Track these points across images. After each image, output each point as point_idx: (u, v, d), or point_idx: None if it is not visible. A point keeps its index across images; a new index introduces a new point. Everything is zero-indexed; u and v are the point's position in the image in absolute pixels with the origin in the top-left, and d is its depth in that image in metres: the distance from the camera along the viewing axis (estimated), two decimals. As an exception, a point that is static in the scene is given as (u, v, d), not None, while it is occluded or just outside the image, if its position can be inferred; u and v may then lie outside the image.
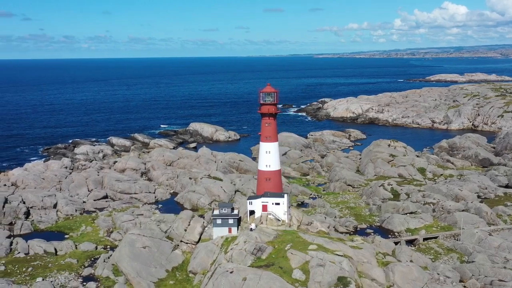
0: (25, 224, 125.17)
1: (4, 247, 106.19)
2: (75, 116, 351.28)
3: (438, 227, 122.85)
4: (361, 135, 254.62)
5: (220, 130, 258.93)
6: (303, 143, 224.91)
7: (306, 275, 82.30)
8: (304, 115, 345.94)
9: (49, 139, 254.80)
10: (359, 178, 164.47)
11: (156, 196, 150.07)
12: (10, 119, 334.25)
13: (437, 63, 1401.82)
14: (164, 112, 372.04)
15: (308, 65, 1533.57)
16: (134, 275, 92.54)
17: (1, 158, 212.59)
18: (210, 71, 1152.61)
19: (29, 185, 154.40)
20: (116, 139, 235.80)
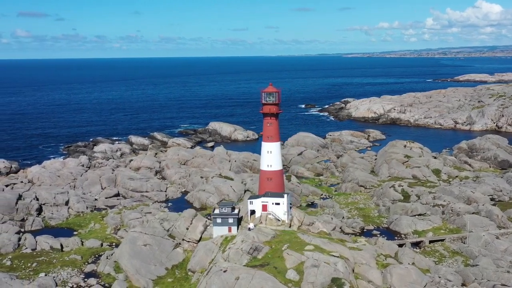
0: (36, 220, 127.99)
1: (12, 243, 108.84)
2: (99, 115, 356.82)
3: (447, 229, 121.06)
4: (380, 136, 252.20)
5: (239, 130, 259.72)
6: (320, 143, 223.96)
7: (300, 275, 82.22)
8: (326, 115, 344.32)
9: (71, 137, 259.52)
10: (371, 179, 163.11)
11: (167, 194, 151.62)
12: (37, 117, 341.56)
13: (468, 63, 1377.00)
14: (187, 111, 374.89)
15: (337, 64, 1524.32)
16: (133, 272, 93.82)
17: (23, 156, 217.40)
18: (238, 71, 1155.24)
19: (44, 182, 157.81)
20: (135, 138, 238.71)
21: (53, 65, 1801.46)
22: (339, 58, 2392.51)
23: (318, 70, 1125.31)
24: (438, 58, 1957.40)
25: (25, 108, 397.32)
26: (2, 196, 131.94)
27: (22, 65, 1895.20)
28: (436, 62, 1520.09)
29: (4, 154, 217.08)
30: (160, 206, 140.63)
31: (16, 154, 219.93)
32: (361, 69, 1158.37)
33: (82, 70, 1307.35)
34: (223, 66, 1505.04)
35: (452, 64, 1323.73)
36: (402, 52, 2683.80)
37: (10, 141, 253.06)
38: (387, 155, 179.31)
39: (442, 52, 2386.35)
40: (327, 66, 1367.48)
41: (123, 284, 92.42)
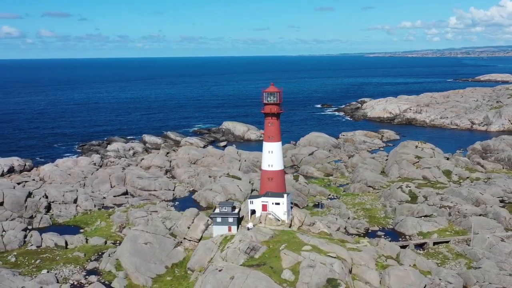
0: (44, 217, 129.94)
1: (18, 239, 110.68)
2: (117, 114, 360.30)
3: (452, 231, 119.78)
4: (394, 136, 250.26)
5: (252, 129, 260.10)
6: (333, 143, 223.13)
7: (295, 275, 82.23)
8: (342, 115, 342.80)
9: (87, 136, 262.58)
10: (381, 180, 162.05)
11: (175, 193, 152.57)
12: (56, 116, 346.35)
13: (491, 63, 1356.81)
14: (203, 111, 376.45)
15: (358, 64, 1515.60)
16: (133, 270, 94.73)
17: (38, 154, 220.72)
18: (258, 70, 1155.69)
19: (55, 180, 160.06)
20: (148, 137, 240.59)
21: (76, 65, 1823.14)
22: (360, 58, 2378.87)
23: (338, 70, 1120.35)
24: (461, 58, 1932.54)
25: (45, 107, 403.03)
26: (11, 193, 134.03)
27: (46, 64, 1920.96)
28: (458, 62, 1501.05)
29: (20, 152, 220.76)
30: (167, 205, 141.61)
31: (31, 152, 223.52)
32: (382, 68, 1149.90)
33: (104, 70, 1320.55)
34: (244, 66, 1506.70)
35: (474, 64, 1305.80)
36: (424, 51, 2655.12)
37: (27, 139, 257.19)
38: (398, 156, 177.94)
39: (466, 52, 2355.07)
40: (348, 66, 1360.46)
41: (123, 281, 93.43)
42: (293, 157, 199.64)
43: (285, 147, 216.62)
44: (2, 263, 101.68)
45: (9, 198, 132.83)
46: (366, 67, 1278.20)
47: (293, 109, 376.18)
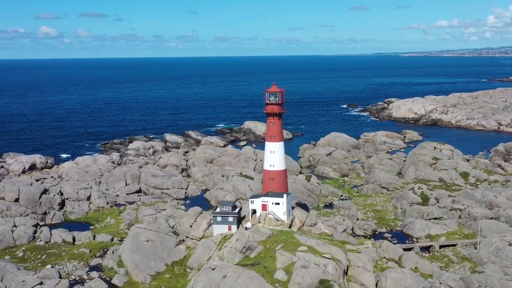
0: (57, 214, 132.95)
1: (27, 235, 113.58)
2: (143, 113, 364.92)
3: (462, 234, 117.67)
4: (417, 137, 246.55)
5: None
6: (352, 144, 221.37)
7: (288, 276, 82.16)
8: (367, 115, 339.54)
9: (111, 135, 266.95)
10: (395, 181, 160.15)
11: (187, 192, 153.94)
12: (84, 115, 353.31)
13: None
14: (229, 111, 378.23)
15: (391, 64, 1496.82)
16: (133, 267, 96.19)
17: (63, 152, 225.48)
18: (290, 70, 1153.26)
19: (72, 177, 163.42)
20: (169, 136, 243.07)
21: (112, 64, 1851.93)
22: (395, 58, 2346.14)
23: (371, 70, 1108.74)
24: (498, 57, 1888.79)
25: (75, 106, 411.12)
26: (27, 190, 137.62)
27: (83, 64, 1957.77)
28: (495, 62, 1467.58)
29: (45, 149, 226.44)
30: (177, 203, 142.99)
31: (56, 150, 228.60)
32: (415, 68, 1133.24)
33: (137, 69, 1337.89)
34: (276, 66, 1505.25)
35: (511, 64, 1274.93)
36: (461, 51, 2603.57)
37: (54, 137, 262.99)
38: (415, 157, 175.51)
39: (504, 51, 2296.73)
40: (382, 66, 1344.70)
41: (123, 278, 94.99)
42: (311, 157, 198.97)
43: (304, 147, 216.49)
44: (10, 257, 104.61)
45: (24, 195, 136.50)
46: (400, 66, 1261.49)
47: (318, 109, 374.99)
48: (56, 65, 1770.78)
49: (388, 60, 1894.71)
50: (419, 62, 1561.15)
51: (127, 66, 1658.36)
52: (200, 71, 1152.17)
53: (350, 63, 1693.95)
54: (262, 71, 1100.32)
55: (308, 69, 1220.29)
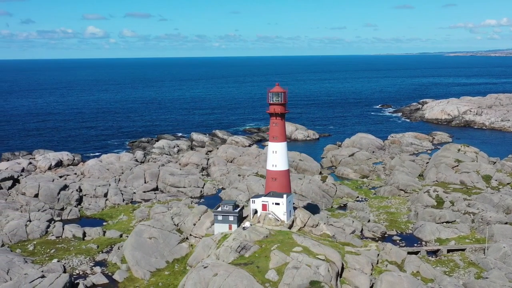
0: (73, 210, 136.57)
1: (40, 230, 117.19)
2: (176, 112, 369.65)
3: (473, 239, 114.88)
4: (446, 139, 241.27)
5: (300, 129, 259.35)
6: (378, 145, 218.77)
7: (280, 276, 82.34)
8: (398, 116, 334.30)
9: (141, 133, 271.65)
10: (414, 183, 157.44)
11: (202, 191, 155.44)
12: (119, 113, 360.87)
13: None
14: (261, 110, 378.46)
15: (436, 64, 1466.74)
16: (133, 263, 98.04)
17: (92, 149, 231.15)
18: (331, 70, 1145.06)
19: (94, 174, 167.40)
20: (196, 135, 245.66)
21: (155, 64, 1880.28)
22: (440, 57, 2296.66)
23: (413, 70, 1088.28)
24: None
25: (112, 105, 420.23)
26: (46, 186, 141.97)
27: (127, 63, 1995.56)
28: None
29: (75, 147, 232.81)
30: (191, 201, 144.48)
31: (86, 147, 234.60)
32: (459, 68, 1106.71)
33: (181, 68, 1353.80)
34: (318, 65, 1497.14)
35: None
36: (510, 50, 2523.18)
37: (86, 135, 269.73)
38: (437, 159, 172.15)
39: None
40: (425, 66, 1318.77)
41: (124, 274, 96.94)
42: (333, 157, 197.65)
43: (328, 147, 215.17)
44: (21, 251, 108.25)
45: (43, 190, 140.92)
46: (443, 66, 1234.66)
47: (351, 110, 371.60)
48: (101, 65, 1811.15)
49: (432, 60, 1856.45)
50: (464, 62, 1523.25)
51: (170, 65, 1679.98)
52: (240, 71, 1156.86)
53: (392, 63, 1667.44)
54: (303, 71, 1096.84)
55: (349, 69, 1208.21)
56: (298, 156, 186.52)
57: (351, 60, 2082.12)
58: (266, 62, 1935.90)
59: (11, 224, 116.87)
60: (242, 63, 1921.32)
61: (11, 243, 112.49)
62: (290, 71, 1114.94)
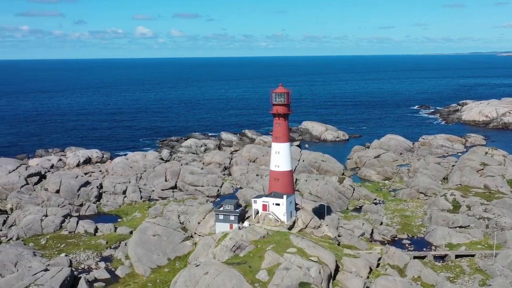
0: (91, 206, 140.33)
1: (54, 224, 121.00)
2: (211, 111, 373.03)
3: (486, 245, 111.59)
4: (480, 141, 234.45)
5: (330, 130, 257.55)
6: (406, 147, 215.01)
7: (270, 276, 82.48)
8: (435, 117, 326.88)
9: (172, 131, 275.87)
10: (435, 187, 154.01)
11: (220, 190, 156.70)
12: (156, 112, 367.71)
13: None
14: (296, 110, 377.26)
15: (485, 64, 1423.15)
16: (135, 259, 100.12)
17: (123, 147, 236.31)
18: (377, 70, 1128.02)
19: (116, 172, 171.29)
20: (225, 134, 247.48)
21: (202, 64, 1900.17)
22: (492, 57, 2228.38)
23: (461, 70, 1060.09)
24: None
25: (152, 104, 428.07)
26: (67, 182, 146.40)
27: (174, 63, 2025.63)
28: None
29: (106, 144, 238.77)
30: (207, 200, 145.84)
31: (116, 145, 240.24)
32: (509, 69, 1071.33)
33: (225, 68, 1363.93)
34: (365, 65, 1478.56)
35: None
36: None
37: (120, 133, 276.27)
38: (462, 162, 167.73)
39: None
40: (475, 66, 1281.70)
41: (126, 269, 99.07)
42: (358, 159, 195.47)
43: (355, 148, 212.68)
44: (34, 244, 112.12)
45: (64, 187, 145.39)
46: (494, 66, 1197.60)
47: (387, 110, 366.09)
48: (149, 64, 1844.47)
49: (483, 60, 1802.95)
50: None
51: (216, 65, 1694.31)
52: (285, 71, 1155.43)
53: (441, 63, 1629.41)
54: (348, 71, 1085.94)
55: (395, 69, 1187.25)
56: (321, 157, 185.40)
57: (399, 60, 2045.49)
58: (312, 62, 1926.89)
59: (28, 219, 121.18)
60: (288, 63, 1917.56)
61: (26, 237, 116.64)
62: (335, 71, 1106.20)
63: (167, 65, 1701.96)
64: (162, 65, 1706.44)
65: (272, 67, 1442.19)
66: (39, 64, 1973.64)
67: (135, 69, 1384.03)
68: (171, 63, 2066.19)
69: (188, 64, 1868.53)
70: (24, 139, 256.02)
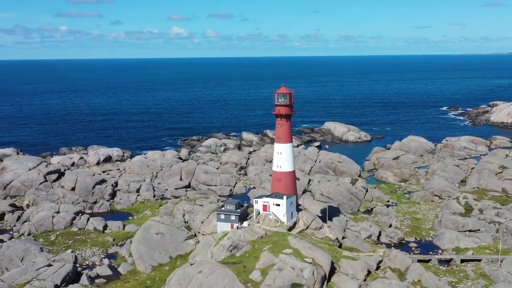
0: (105, 204, 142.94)
1: (65, 221, 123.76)
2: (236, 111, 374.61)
3: (495, 249, 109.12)
4: (506, 143, 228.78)
5: (352, 130, 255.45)
6: (427, 148, 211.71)
7: (263, 277, 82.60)
8: (463, 118, 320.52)
9: (195, 131, 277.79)
10: (451, 189, 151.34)
11: (232, 189, 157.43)
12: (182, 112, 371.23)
13: None
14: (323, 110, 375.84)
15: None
16: (137, 257, 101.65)
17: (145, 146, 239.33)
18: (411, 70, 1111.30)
19: (133, 170, 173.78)
20: (246, 134, 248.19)
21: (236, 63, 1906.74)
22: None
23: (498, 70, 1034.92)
24: None
25: (180, 103, 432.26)
26: (82, 180, 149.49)
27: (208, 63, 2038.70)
28: None
29: (129, 143, 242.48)
30: (218, 200, 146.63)
31: (139, 144, 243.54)
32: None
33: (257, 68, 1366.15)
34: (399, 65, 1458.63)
35: None
36: None
37: (146, 132, 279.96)
38: (481, 165, 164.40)
39: None
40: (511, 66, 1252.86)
41: (128, 267, 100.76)
42: (376, 160, 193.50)
43: (375, 149, 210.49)
44: (43, 240, 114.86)
45: (80, 184, 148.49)
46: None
47: (415, 111, 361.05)
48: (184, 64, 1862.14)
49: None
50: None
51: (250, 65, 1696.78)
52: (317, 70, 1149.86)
53: (479, 63, 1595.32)
54: (380, 71, 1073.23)
55: (429, 69, 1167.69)
56: (338, 158, 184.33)
57: (435, 60, 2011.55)
58: (345, 62, 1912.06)
59: (40, 215, 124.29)
60: (321, 63, 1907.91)
61: (37, 233, 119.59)
62: (368, 71, 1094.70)
63: (200, 65, 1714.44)
64: (196, 65, 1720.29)
65: (304, 67, 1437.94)
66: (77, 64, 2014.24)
67: (169, 69, 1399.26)
68: (205, 63, 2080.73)
69: (222, 64, 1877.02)
70: (51, 138, 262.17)
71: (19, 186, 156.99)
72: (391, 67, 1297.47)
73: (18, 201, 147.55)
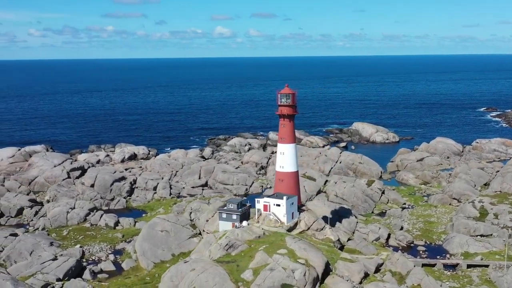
0: (121, 201, 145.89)
1: (78, 217, 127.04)
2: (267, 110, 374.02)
3: (506, 255, 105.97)
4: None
5: (380, 131, 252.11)
6: (455, 150, 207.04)
7: (255, 276, 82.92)
8: (500, 120, 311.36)
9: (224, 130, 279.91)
10: (471, 193, 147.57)
11: (248, 189, 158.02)
12: (214, 111, 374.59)
13: None
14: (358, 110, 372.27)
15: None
16: (140, 253, 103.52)
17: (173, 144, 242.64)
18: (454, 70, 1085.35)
19: (154, 169, 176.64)
20: (272, 134, 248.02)
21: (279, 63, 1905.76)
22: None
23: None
24: None
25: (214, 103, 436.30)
26: (101, 177, 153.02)
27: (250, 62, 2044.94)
28: None
29: (157, 141, 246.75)
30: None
31: (167, 143, 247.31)
32: None
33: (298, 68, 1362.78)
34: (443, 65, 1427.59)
35: None
36: None
37: (173, 131, 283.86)
38: (506, 168, 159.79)
39: None
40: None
41: (131, 263, 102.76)
42: (400, 162, 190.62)
43: (400, 151, 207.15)
44: (56, 235, 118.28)
45: (98, 181, 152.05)
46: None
47: (450, 112, 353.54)
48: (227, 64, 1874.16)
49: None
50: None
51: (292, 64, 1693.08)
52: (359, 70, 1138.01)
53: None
54: (422, 71, 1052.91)
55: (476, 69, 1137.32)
56: (359, 159, 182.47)
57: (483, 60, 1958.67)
58: (388, 62, 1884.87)
59: (55, 211, 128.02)
60: (365, 62, 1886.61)
61: (51, 228, 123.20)
62: (407, 71, 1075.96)
63: (242, 65, 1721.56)
64: (238, 65, 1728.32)
65: (347, 66, 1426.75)
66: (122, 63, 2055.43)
67: (211, 68, 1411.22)
68: (247, 62, 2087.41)
69: (264, 63, 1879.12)
70: (83, 135, 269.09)
71: (43, 182, 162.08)
72: (434, 67, 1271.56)
73: (40, 196, 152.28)
